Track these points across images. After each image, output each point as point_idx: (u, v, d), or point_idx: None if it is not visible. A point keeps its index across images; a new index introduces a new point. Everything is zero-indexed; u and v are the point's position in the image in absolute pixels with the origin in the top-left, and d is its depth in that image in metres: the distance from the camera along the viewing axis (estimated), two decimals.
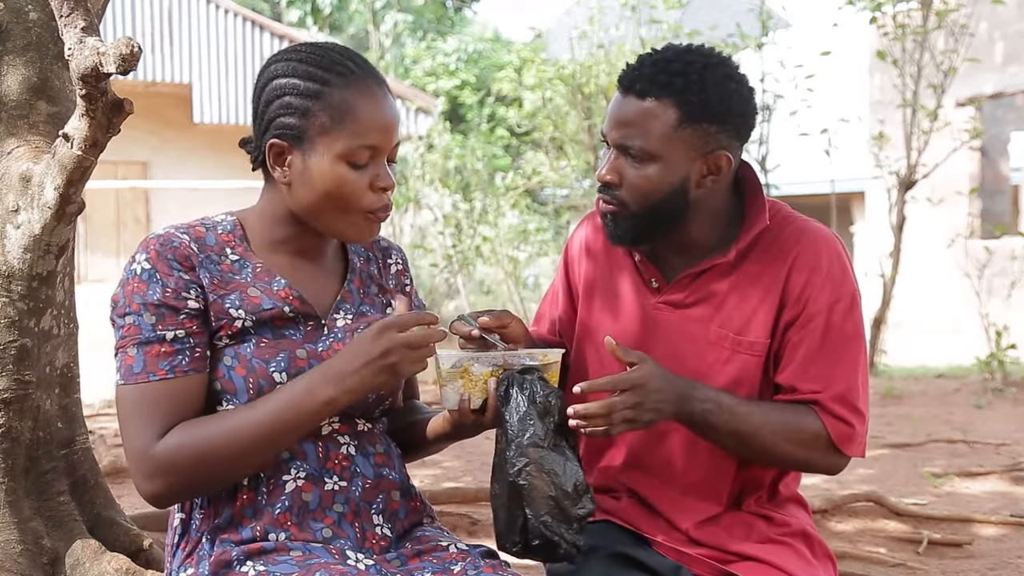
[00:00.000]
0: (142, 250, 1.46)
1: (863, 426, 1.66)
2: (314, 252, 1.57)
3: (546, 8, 40.22)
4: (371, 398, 1.54)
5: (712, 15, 17.44)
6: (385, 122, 1.48)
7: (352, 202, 1.47)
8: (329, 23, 22.44)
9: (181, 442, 1.40)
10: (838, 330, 1.65)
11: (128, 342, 1.43)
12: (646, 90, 1.60)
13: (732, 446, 1.65)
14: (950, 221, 10.85)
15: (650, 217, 1.64)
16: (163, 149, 13.87)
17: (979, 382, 7.18)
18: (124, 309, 1.44)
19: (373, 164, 1.47)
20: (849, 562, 3.02)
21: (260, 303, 1.48)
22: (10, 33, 2.16)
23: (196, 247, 1.48)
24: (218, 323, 1.45)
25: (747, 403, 1.64)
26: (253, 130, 1.53)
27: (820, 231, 1.71)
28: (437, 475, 4.16)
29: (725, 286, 1.69)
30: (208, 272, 1.47)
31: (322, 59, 1.47)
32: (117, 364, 1.45)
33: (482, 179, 10.57)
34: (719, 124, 1.61)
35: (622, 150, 1.63)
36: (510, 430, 1.47)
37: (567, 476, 1.46)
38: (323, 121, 1.44)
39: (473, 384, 1.51)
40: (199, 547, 1.47)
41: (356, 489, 1.50)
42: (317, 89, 1.45)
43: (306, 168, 1.46)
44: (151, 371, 1.42)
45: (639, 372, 1.54)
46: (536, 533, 1.45)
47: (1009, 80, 11.11)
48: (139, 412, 1.42)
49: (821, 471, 1.73)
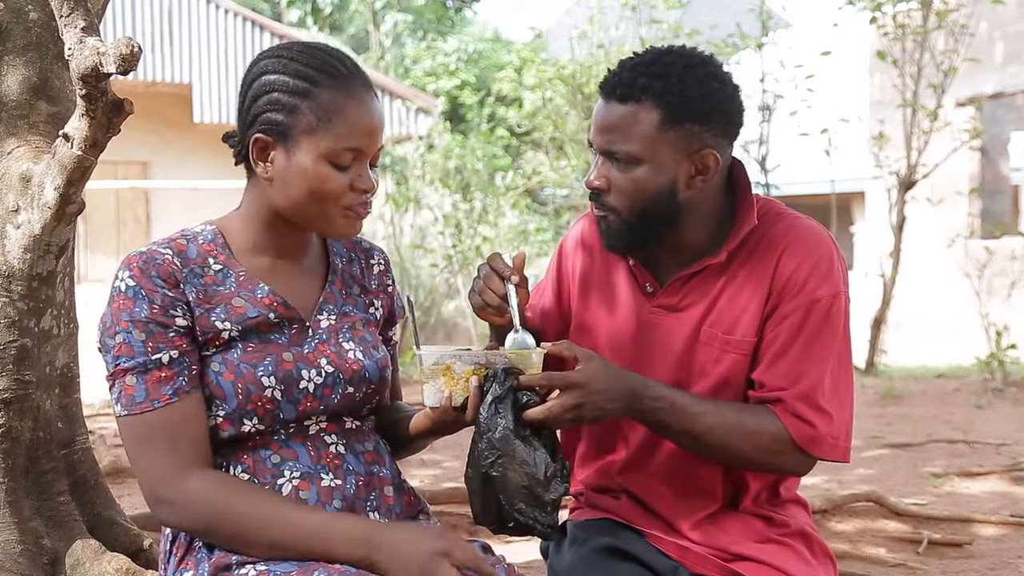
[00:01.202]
0: (124, 267, 1.45)
1: (831, 427, 1.63)
2: (296, 253, 1.58)
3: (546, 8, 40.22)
4: (359, 395, 1.55)
5: (712, 15, 17.42)
6: (371, 126, 1.49)
7: (332, 201, 1.48)
8: (329, 23, 22.44)
9: (211, 497, 1.42)
10: (815, 328, 1.64)
11: (124, 370, 1.44)
12: (627, 94, 1.60)
13: (689, 446, 1.65)
14: (950, 221, 10.85)
15: (642, 221, 1.64)
16: (163, 149, 13.86)
17: (979, 382, 7.18)
18: (113, 329, 1.44)
19: (356, 166, 1.48)
20: (849, 562, 3.02)
21: (245, 312, 1.49)
22: (10, 33, 2.15)
23: (179, 262, 1.48)
24: (204, 336, 1.46)
25: (702, 403, 1.63)
26: (237, 124, 1.53)
27: (811, 227, 1.70)
28: (437, 475, 4.17)
29: (717, 286, 1.69)
30: (193, 287, 1.47)
31: (313, 58, 1.48)
32: (115, 394, 1.45)
33: (482, 179, 10.56)
34: (703, 123, 1.61)
35: (608, 155, 1.64)
36: (482, 424, 1.51)
37: (537, 465, 1.50)
38: (310, 120, 1.45)
39: (455, 382, 1.53)
40: (195, 551, 1.47)
41: (350, 487, 1.51)
42: (306, 88, 1.45)
43: (289, 165, 1.47)
44: (155, 398, 1.43)
45: (579, 372, 1.55)
46: (510, 518, 1.51)
47: (1009, 80, 11.11)
48: (153, 440, 1.43)
49: (787, 472, 1.72)
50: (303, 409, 1.49)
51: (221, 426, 1.47)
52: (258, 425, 1.47)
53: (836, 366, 1.66)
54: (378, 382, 1.58)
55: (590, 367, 1.56)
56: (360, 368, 1.55)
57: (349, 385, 1.53)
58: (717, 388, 1.68)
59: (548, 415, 1.52)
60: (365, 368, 1.55)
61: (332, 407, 1.52)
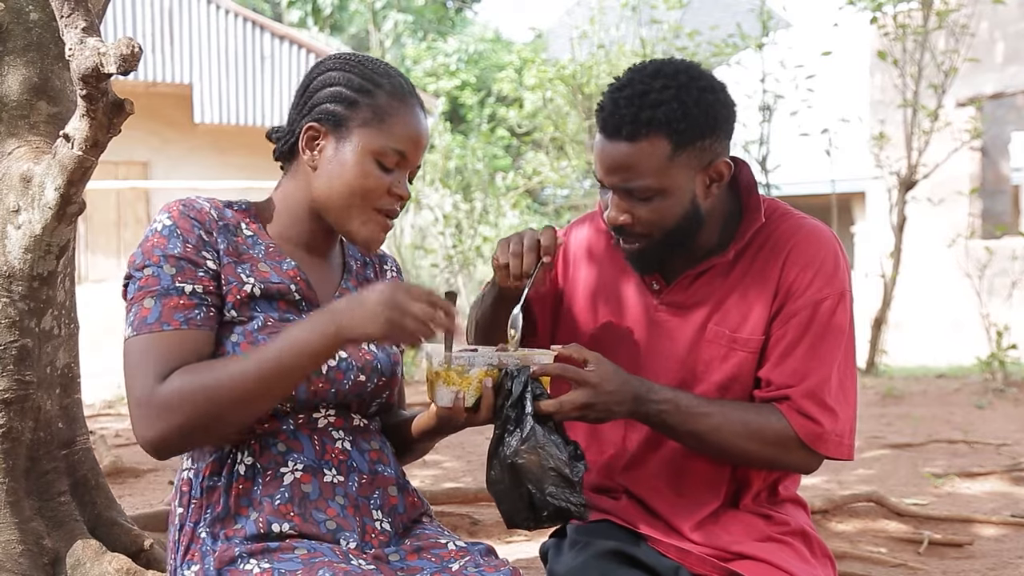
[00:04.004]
0: (163, 211, 1.50)
1: (836, 424, 1.64)
2: (321, 251, 1.62)
3: (547, 8, 40.23)
4: (370, 386, 1.56)
5: (712, 15, 17.43)
6: (419, 137, 1.57)
7: (369, 198, 1.53)
8: (330, 23, 22.44)
9: (183, 382, 1.40)
10: (821, 326, 1.65)
11: (145, 293, 1.45)
12: (633, 132, 1.59)
13: (695, 446, 1.67)
14: (951, 221, 10.84)
15: (673, 239, 1.66)
16: (163, 149, 13.87)
17: (980, 382, 7.17)
18: (143, 262, 1.47)
19: (397, 171, 1.55)
20: (850, 562, 3.02)
21: (269, 276, 1.53)
22: (11, 33, 2.16)
23: (215, 215, 1.53)
24: (228, 287, 1.49)
25: (708, 403, 1.64)
26: (289, 117, 1.60)
27: (816, 227, 1.71)
28: (437, 475, 4.16)
29: (724, 285, 1.70)
30: (225, 239, 1.52)
31: (378, 68, 1.58)
32: (130, 317, 1.46)
33: (483, 179, 10.57)
34: (711, 137, 1.62)
35: (625, 193, 1.63)
36: (508, 417, 1.53)
37: (558, 446, 1.54)
38: (366, 116, 1.53)
39: (467, 383, 1.54)
40: (200, 542, 1.47)
41: (353, 484, 1.52)
42: (369, 88, 1.54)
43: (336, 155, 1.53)
44: (165, 321, 1.44)
45: (592, 372, 1.57)
46: (544, 505, 1.53)
47: (1010, 80, 11.11)
48: (146, 360, 1.42)
49: (794, 470, 1.73)
50: (314, 389, 1.50)
51: None
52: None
53: (842, 365, 1.67)
54: (389, 376, 1.61)
55: (602, 369, 1.58)
56: (373, 359, 1.57)
57: (361, 373, 1.56)
58: (724, 386, 1.69)
59: (560, 408, 1.54)
60: (378, 359, 1.58)
61: (343, 392, 1.54)
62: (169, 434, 1.41)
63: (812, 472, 1.73)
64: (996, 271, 8.92)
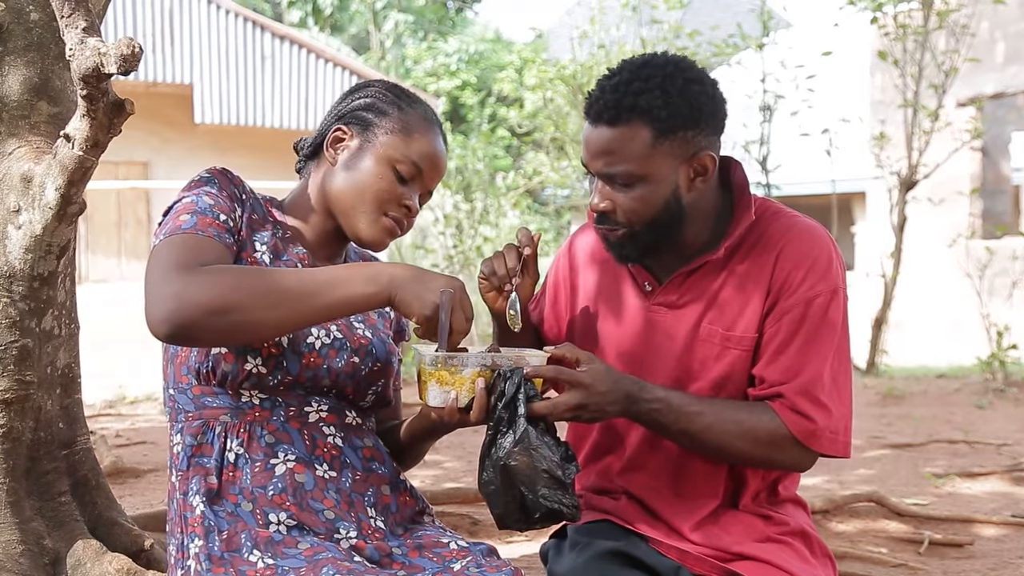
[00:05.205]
0: (203, 171, 1.59)
1: (830, 421, 1.65)
2: (326, 253, 1.68)
3: (547, 8, 40.25)
4: (364, 370, 1.58)
5: (713, 15, 17.43)
6: (437, 160, 1.66)
7: (380, 201, 1.60)
8: (330, 23, 22.45)
9: (214, 268, 1.42)
10: (814, 323, 1.65)
11: (181, 210, 1.51)
12: (615, 117, 1.61)
13: (688, 445, 1.67)
14: (951, 221, 10.85)
15: (652, 231, 1.66)
16: (164, 149, 13.86)
17: (980, 382, 7.18)
18: (181, 195, 1.55)
19: (411, 185, 1.63)
20: (850, 562, 3.02)
21: (280, 252, 1.59)
22: (11, 33, 2.16)
23: (247, 187, 1.63)
24: (240, 248, 1.55)
25: (700, 402, 1.65)
26: (320, 127, 1.69)
27: (809, 225, 1.71)
28: (437, 475, 4.16)
29: (716, 283, 1.70)
30: (250, 208, 1.61)
31: (413, 96, 1.70)
32: (163, 231, 1.48)
33: (483, 179, 10.58)
34: (694, 128, 1.62)
35: (607, 178, 1.65)
36: (501, 419, 1.53)
37: (551, 448, 1.54)
38: (393, 125, 1.63)
39: (460, 383, 1.54)
40: (202, 517, 1.47)
41: (346, 480, 1.53)
42: (400, 106, 1.65)
43: (358, 154, 1.62)
44: (200, 229, 1.48)
45: (585, 372, 1.57)
46: (536, 507, 1.53)
47: (1010, 80, 11.11)
48: (176, 251, 1.43)
49: (788, 468, 1.73)
50: (306, 364, 1.51)
51: (225, 357, 1.48)
52: (260, 367, 1.49)
53: (835, 362, 1.67)
54: (384, 363, 1.62)
55: (594, 369, 1.58)
56: (368, 343, 1.60)
57: (355, 355, 1.57)
58: (718, 385, 1.69)
59: (553, 410, 1.54)
60: (372, 344, 1.60)
61: (335, 370, 1.54)
62: (186, 309, 1.35)
63: (807, 470, 1.73)
64: (996, 271, 8.93)
